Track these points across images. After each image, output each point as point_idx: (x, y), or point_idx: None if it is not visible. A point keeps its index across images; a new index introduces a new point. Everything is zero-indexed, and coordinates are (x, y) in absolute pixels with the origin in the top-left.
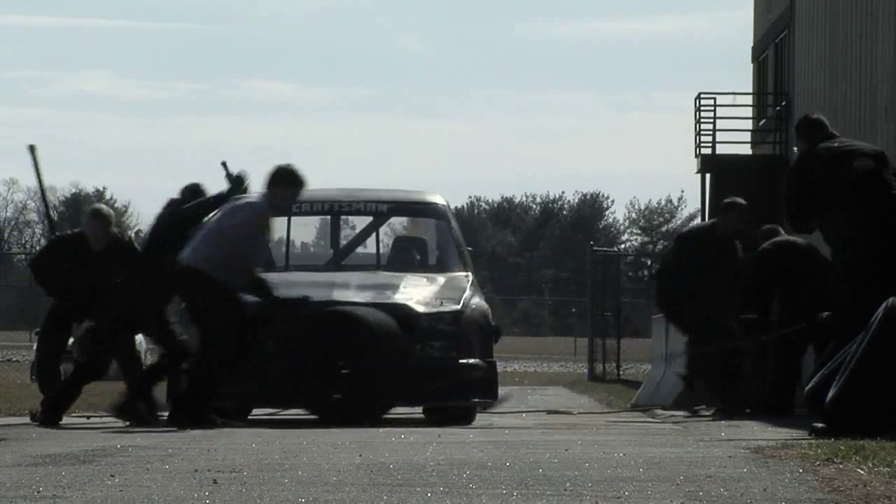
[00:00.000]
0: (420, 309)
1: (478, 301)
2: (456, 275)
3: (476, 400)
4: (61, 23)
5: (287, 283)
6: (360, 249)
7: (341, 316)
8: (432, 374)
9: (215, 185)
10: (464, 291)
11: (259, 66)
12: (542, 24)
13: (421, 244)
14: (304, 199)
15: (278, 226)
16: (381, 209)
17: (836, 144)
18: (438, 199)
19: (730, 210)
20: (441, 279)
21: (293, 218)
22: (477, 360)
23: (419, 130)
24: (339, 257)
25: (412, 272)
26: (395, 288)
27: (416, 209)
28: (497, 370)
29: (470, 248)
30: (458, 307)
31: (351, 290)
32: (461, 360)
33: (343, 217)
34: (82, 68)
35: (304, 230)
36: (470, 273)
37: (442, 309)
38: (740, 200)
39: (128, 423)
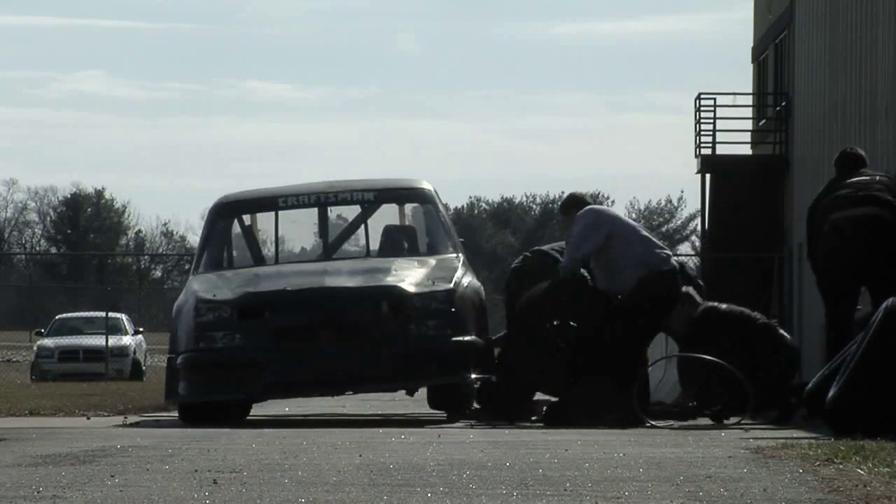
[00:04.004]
0: (412, 289)
1: (470, 279)
2: (446, 256)
3: (474, 376)
4: (56, 23)
5: (278, 275)
6: (349, 243)
7: None
8: (428, 354)
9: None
10: (455, 271)
11: (255, 67)
12: (540, 24)
13: (410, 232)
14: (290, 192)
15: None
16: (368, 197)
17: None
18: (425, 185)
19: None
20: (432, 261)
21: (281, 212)
22: (473, 337)
23: (417, 130)
24: (330, 249)
25: (403, 257)
26: (386, 271)
27: (402, 195)
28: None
29: (462, 240)
30: (451, 286)
31: (343, 275)
32: (456, 338)
33: (333, 211)
34: (78, 69)
35: (293, 225)
36: (460, 254)
37: (434, 288)
38: None
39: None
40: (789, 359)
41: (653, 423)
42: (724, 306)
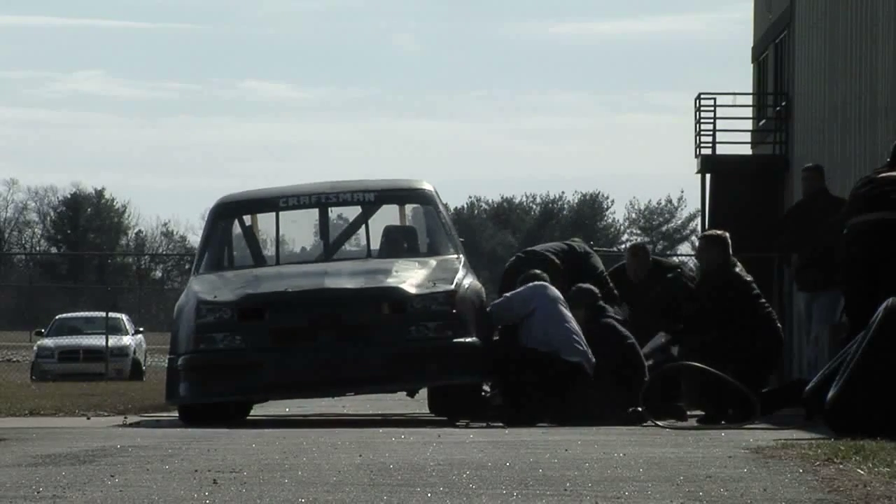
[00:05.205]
0: (413, 291)
1: (471, 281)
2: (447, 257)
3: (475, 378)
4: (54, 23)
5: (279, 276)
6: (350, 244)
7: None
8: (428, 355)
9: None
10: (456, 272)
11: (254, 66)
12: (540, 24)
13: (411, 233)
14: (291, 193)
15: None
16: (369, 198)
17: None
18: (426, 185)
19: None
20: (433, 262)
21: (281, 213)
22: (474, 339)
23: (416, 130)
24: (331, 249)
25: (403, 258)
26: (387, 272)
27: (403, 196)
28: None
29: (462, 239)
30: (451, 287)
31: (343, 277)
32: (457, 339)
33: (334, 211)
34: (76, 69)
35: (293, 225)
36: (461, 255)
37: (435, 290)
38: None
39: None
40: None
41: (656, 422)
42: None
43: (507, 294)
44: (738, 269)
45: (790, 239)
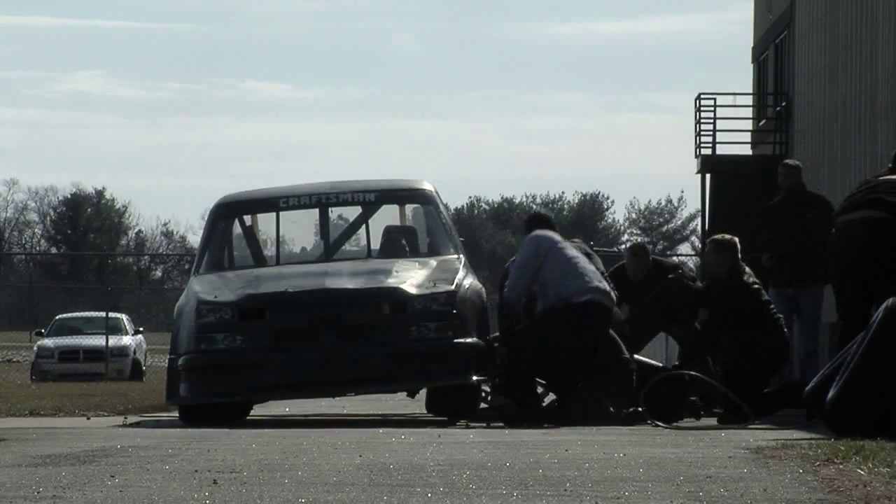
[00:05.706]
0: (413, 291)
1: (471, 281)
2: (448, 257)
3: (475, 378)
4: (56, 23)
5: (279, 276)
6: (350, 244)
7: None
8: (429, 355)
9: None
10: (456, 272)
11: (254, 67)
12: (540, 24)
13: (411, 233)
14: (291, 193)
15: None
16: (369, 198)
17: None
18: (426, 185)
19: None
20: (433, 262)
21: (282, 213)
22: (474, 339)
23: (416, 130)
24: (331, 249)
25: (404, 258)
26: (387, 272)
27: (403, 196)
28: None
29: (462, 239)
30: (452, 287)
31: (343, 277)
32: (457, 340)
33: (334, 211)
34: (76, 69)
35: (293, 225)
36: (461, 255)
37: (435, 290)
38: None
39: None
40: None
41: (658, 422)
42: None
43: (511, 265)
44: (745, 276)
45: (773, 236)
